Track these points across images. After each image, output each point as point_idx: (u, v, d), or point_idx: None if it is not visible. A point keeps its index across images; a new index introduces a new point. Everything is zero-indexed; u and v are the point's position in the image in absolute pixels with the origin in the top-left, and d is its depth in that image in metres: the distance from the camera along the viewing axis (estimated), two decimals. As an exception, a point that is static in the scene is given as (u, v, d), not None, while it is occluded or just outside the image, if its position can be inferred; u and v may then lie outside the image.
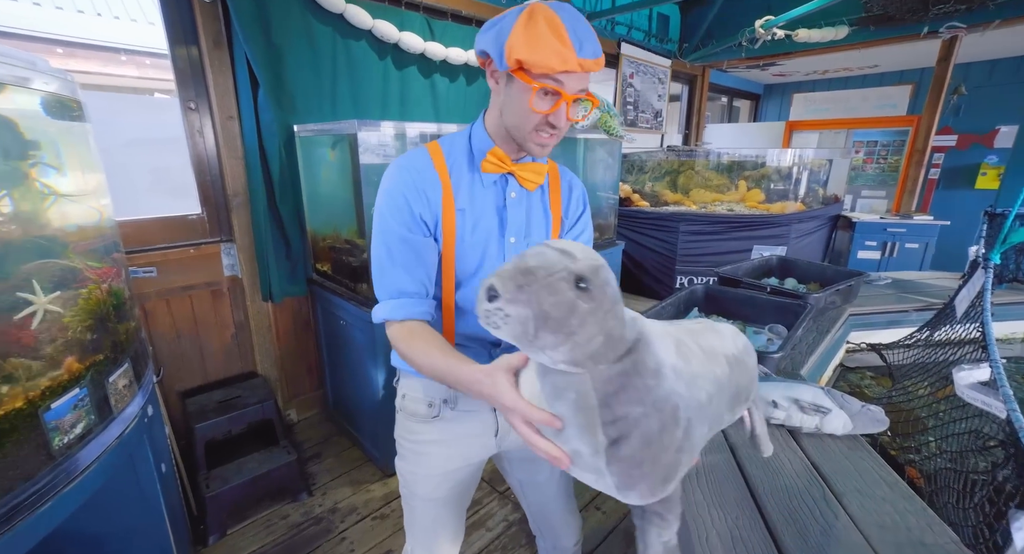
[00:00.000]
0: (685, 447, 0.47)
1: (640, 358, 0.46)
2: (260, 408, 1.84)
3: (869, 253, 3.59)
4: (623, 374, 0.45)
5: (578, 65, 0.68)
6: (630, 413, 0.45)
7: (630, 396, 0.45)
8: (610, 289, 0.44)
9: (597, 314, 0.43)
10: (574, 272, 0.43)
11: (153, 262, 1.74)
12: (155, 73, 3.73)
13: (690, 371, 0.49)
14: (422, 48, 2.19)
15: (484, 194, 0.81)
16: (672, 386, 0.47)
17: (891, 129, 4.12)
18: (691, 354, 0.51)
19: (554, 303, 0.42)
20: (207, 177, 1.84)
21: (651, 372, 0.46)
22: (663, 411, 0.45)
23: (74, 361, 0.82)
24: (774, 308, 1.48)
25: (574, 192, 0.91)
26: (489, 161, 0.79)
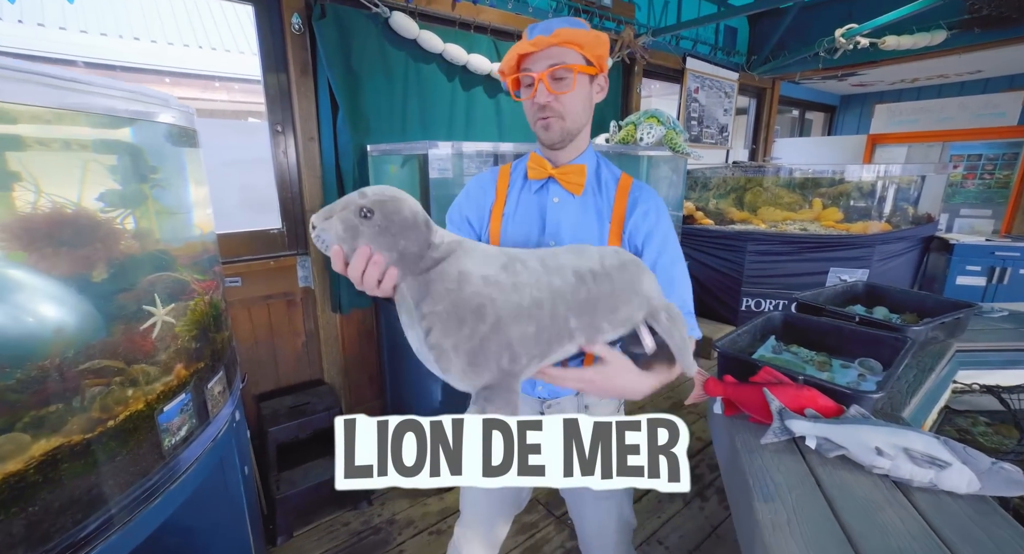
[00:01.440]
0: (494, 339, 0.58)
1: (443, 269, 0.59)
2: (327, 415, 1.92)
3: (971, 279, 3.22)
4: (427, 282, 0.58)
5: (530, 45, 0.77)
6: (433, 310, 0.57)
7: (432, 298, 0.58)
8: (397, 217, 0.58)
9: (384, 235, 0.56)
10: (359, 205, 0.57)
11: (239, 273, 1.88)
12: (244, 97, 4.11)
13: (512, 281, 0.61)
14: (489, 69, 2.25)
15: (529, 200, 0.90)
16: (479, 290, 0.59)
17: (999, 141, 3.70)
18: (524, 270, 0.63)
19: (344, 228, 0.56)
20: (288, 194, 1.97)
21: (452, 279, 0.58)
22: (463, 308, 0.57)
23: (182, 368, 0.89)
24: (865, 340, 1.34)
25: (638, 208, 0.88)
26: (531, 167, 0.88)
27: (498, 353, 0.59)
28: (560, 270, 0.66)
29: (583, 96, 0.82)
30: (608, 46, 0.83)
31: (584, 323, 0.65)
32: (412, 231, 0.58)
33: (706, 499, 1.93)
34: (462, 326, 0.57)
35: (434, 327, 0.57)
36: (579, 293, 0.65)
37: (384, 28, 1.96)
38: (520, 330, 0.60)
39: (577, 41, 0.77)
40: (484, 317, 0.58)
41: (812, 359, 1.35)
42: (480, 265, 0.62)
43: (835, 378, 1.24)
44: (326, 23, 1.77)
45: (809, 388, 1.00)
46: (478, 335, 0.58)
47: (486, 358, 0.59)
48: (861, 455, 0.85)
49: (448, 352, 0.57)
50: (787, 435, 0.94)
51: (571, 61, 0.78)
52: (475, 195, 0.95)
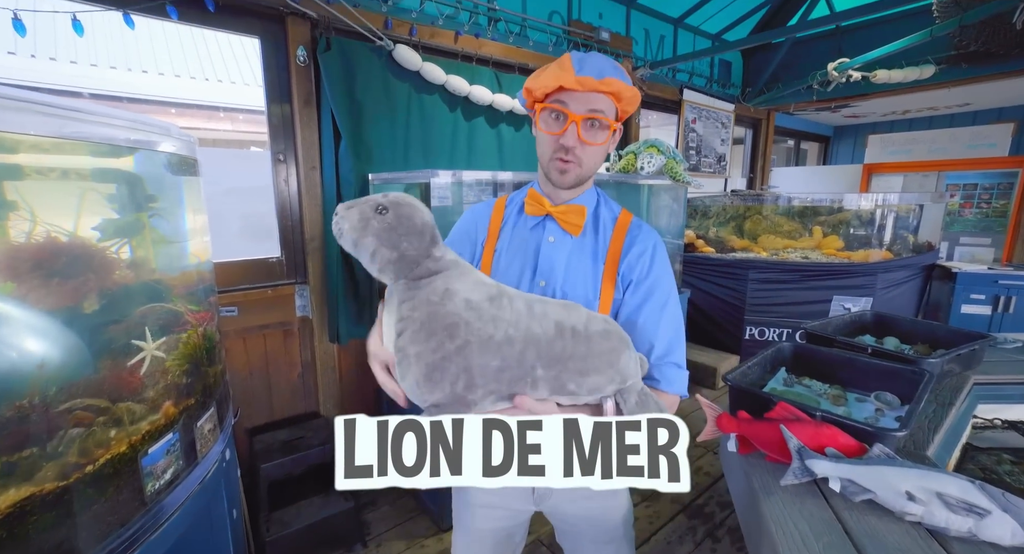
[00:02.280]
0: (456, 361, 0.58)
1: (433, 282, 0.62)
2: (322, 451, 1.84)
3: (977, 308, 3.19)
4: (415, 288, 0.61)
5: (576, 82, 0.72)
6: (411, 315, 0.60)
7: (412, 304, 0.60)
8: (407, 221, 0.62)
9: (391, 233, 0.60)
10: (378, 202, 0.62)
11: (235, 302, 1.84)
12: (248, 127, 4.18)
13: (492, 313, 0.62)
14: (490, 100, 2.29)
15: (524, 237, 0.86)
16: (458, 311, 0.60)
17: (993, 171, 3.75)
18: (508, 307, 0.64)
19: (358, 218, 0.60)
20: (288, 222, 1.96)
21: (438, 293, 0.61)
22: (437, 322, 0.59)
23: (171, 405, 0.85)
24: (880, 373, 1.30)
25: (634, 249, 0.83)
26: (528, 203, 0.85)
27: (455, 374, 0.59)
28: (543, 318, 0.65)
29: (605, 148, 0.80)
30: (639, 103, 0.81)
31: (550, 376, 0.63)
32: (417, 237, 0.62)
33: (717, 540, 1.83)
34: (430, 338, 0.59)
35: (406, 331, 0.60)
36: (554, 346, 0.64)
37: (388, 60, 2.00)
38: (484, 360, 0.60)
39: (621, 95, 0.75)
40: (454, 337, 0.59)
41: (826, 392, 1.30)
42: (469, 289, 0.63)
43: (852, 413, 1.19)
44: (331, 56, 1.81)
45: (829, 425, 0.95)
46: (442, 351, 0.58)
47: (442, 376, 0.59)
48: (890, 500, 0.80)
49: (410, 358, 0.59)
50: (808, 476, 0.89)
51: (609, 114, 0.76)
52: (468, 228, 0.92)
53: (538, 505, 0.91)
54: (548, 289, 0.82)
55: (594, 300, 0.83)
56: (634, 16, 3.27)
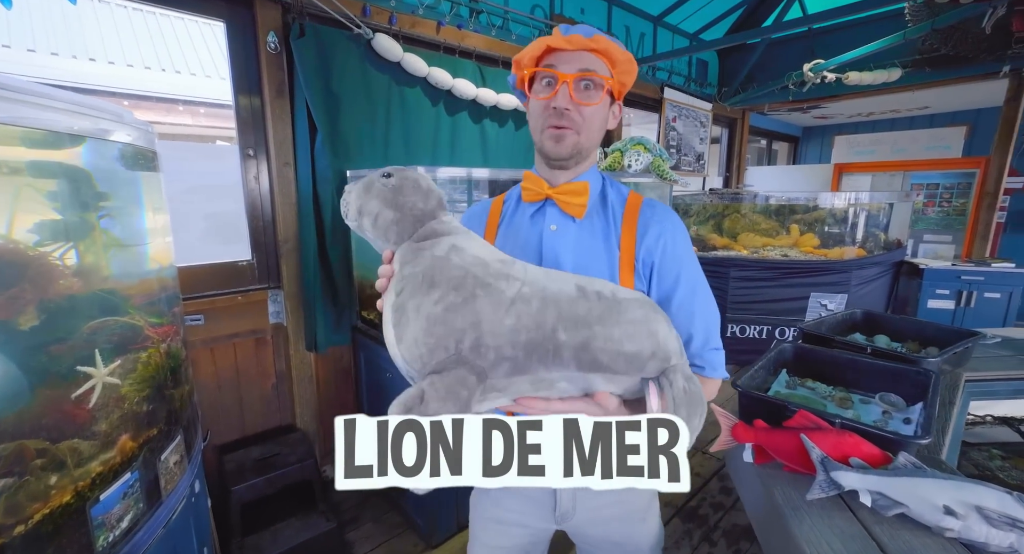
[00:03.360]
0: (463, 313, 0.52)
1: (439, 242, 0.58)
2: (299, 468, 1.71)
3: (941, 302, 3.32)
4: (418, 249, 0.57)
5: (564, 41, 0.68)
6: (412, 272, 0.55)
7: (415, 262, 0.56)
8: (411, 182, 0.60)
9: (395, 193, 0.59)
10: (384, 170, 0.61)
11: (201, 309, 1.69)
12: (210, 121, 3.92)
13: (504, 271, 0.57)
14: (474, 94, 2.19)
15: (523, 226, 0.78)
16: (465, 264, 0.55)
17: (953, 171, 3.92)
18: (521, 268, 0.59)
19: (363, 186, 0.60)
20: (260, 222, 1.81)
21: (442, 248, 0.57)
22: (441, 274, 0.54)
23: (128, 439, 0.72)
24: (884, 374, 1.29)
25: (651, 230, 0.74)
26: (525, 188, 0.78)
27: (461, 330, 0.52)
28: (561, 279, 0.59)
29: (602, 115, 0.73)
30: (635, 76, 0.74)
31: (576, 341, 0.54)
32: (422, 197, 0.60)
33: (714, 543, 1.81)
34: (432, 290, 0.53)
35: (405, 288, 0.55)
36: (577, 306, 0.56)
37: (366, 50, 1.87)
38: (496, 317, 0.53)
39: (613, 56, 0.70)
40: (460, 288, 0.53)
41: (831, 395, 1.28)
42: (479, 248, 0.59)
43: (861, 416, 1.17)
44: (305, 43, 1.67)
45: (851, 434, 0.91)
46: (445, 303, 0.52)
47: (446, 330, 0.52)
48: (925, 514, 0.76)
49: (408, 313, 0.53)
50: (836, 489, 0.84)
51: (601, 73, 0.70)
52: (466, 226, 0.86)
53: (560, 524, 0.85)
54: None
55: None
56: (615, 13, 3.24)
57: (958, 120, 4.95)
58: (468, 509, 0.96)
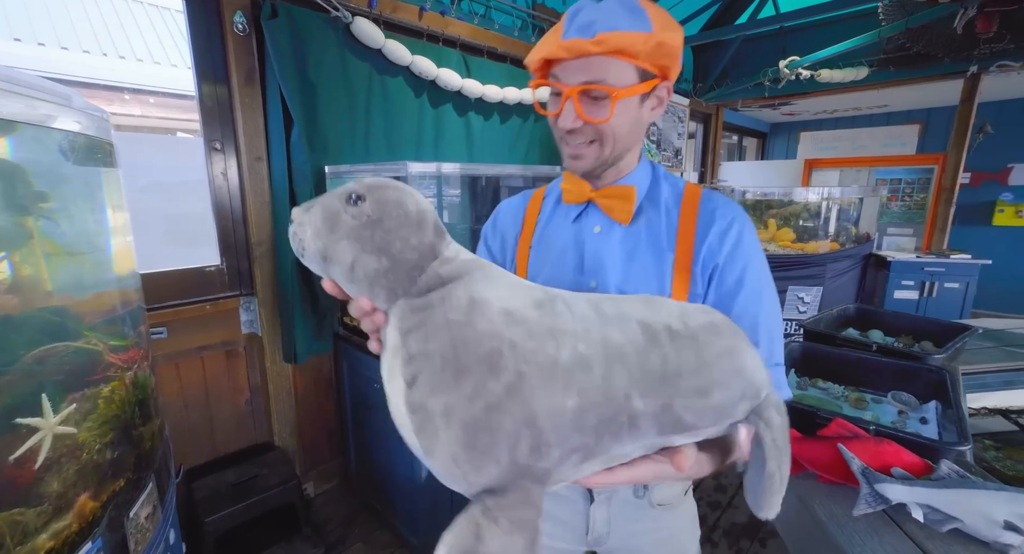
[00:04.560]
0: (510, 409, 0.37)
1: (450, 292, 0.41)
2: (281, 491, 1.57)
3: (906, 293, 3.46)
4: (424, 307, 0.40)
5: (562, 49, 0.57)
6: (424, 349, 0.39)
7: (427, 330, 0.39)
8: (394, 209, 0.42)
9: (374, 229, 0.41)
10: (349, 190, 0.42)
11: (164, 321, 1.51)
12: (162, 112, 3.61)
13: (548, 324, 0.41)
14: (459, 85, 2.07)
15: (564, 228, 0.71)
16: (496, 329, 0.39)
17: (914, 167, 4.10)
18: (567, 313, 0.43)
19: (323, 218, 0.41)
20: (229, 223, 1.64)
21: (460, 308, 0.40)
22: (468, 352, 0.38)
23: (88, 498, 0.59)
24: (891, 372, 1.28)
25: (714, 226, 0.64)
26: (566, 189, 0.71)
27: (514, 433, 0.37)
28: (622, 319, 0.44)
29: (629, 119, 0.62)
30: (680, 40, 0.59)
31: (655, 407, 0.42)
32: (414, 230, 0.42)
33: (715, 544, 1.79)
34: (462, 379, 0.37)
35: (421, 375, 0.38)
36: (649, 358, 0.42)
37: (345, 35, 1.72)
38: (553, 402, 0.39)
39: (629, 50, 0.56)
40: (499, 371, 0.38)
41: (845, 396, 1.26)
42: (504, 295, 0.42)
43: (880, 418, 1.15)
44: (277, 25, 1.51)
45: (890, 442, 0.88)
46: (485, 398, 0.37)
47: (493, 439, 0.37)
48: (982, 529, 0.73)
49: (435, 418, 0.37)
50: (883, 503, 0.80)
51: (613, 81, 0.58)
52: (501, 225, 0.80)
53: (593, 546, 0.77)
54: (600, 291, 0.67)
55: None
56: (596, 4, 3.17)
57: (913, 118, 5.19)
58: None
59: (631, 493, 0.73)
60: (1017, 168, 4.53)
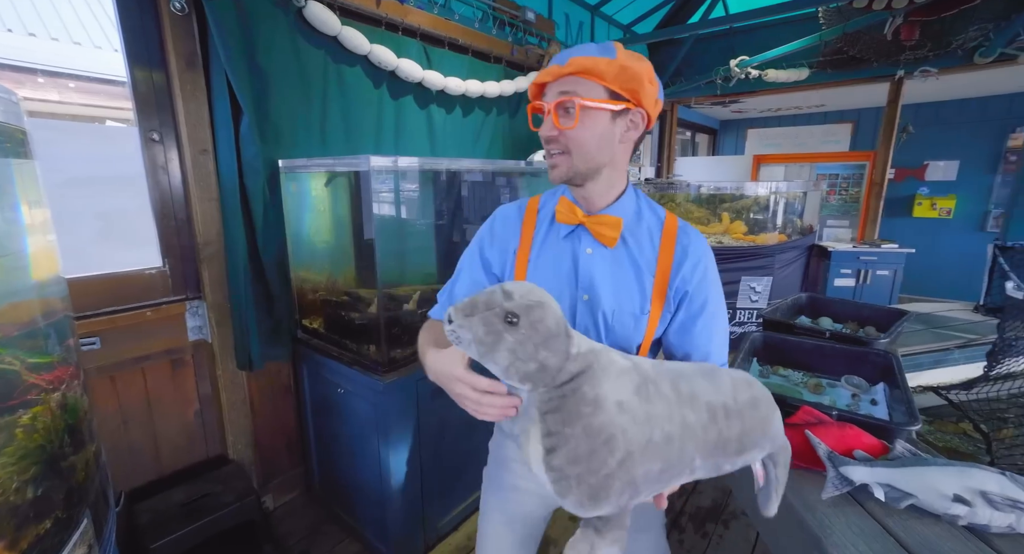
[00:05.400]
0: (620, 476, 0.53)
1: (580, 388, 0.54)
2: (238, 508, 1.47)
3: (845, 281, 3.72)
4: (560, 397, 0.54)
5: (546, 74, 0.72)
6: (561, 431, 0.53)
7: (563, 417, 0.53)
8: (542, 326, 0.53)
9: (526, 345, 0.52)
10: (506, 309, 0.52)
11: (96, 331, 1.37)
12: (84, 98, 3.26)
13: (645, 410, 0.55)
14: (420, 76, 2.00)
15: (559, 246, 0.81)
16: (612, 419, 0.53)
17: (850, 163, 4.40)
18: (656, 396, 0.57)
19: (486, 332, 0.52)
20: (172, 222, 1.50)
21: (588, 401, 0.53)
22: (594, 437, 0.52)
23: (4, 549, 0.50)
24: (844, 357, 1.36)
25: (688, 260, 0.78)
26: (560, 211, 0.80)
27: (620, 490, 0.54)
28: (693, 402, 0.59)
29: (596, 133, 0.73)
30: (650, 77, 0.72)
31: (709, 464, 0.60)
32: (555, 342, 0.54)
33: (682, 529, 1.85)
34: (591, 457, 0.52)
35: (559, 449, 0.53)
36: (710, 433, 0.59)
37: (298, 20, 1.61)
38: (646, 468, 0.55)
39: (594, 71, 0.69)
40: (614, 451, 0.53)
41: (804, 382, 1.33)
42: (614, 387, 0.56)
43: (837, 402, 1.22)
44: (222, 5, 1.39)
45: (851, 426, 0.93)
46: (604, 470, 0.53)
47: (607, 494, 0.54)
48: (935, 503, 0.78)
49: (570, 480, 0.53)
50: (848, 485, 0.85)
51: (583, 93, 0.70)
52: (500, 234, 0.87)
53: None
54: (592, 303, 0.78)
55: (642, 316, 0.79)
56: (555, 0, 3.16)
57: (846, 118, 5.57)
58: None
59: None
60: (932, 165, 4.98)
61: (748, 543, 1.76)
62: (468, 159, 2.31)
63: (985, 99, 4.72)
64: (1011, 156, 4.66)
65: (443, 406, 1.62)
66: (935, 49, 2.85)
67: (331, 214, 1.75)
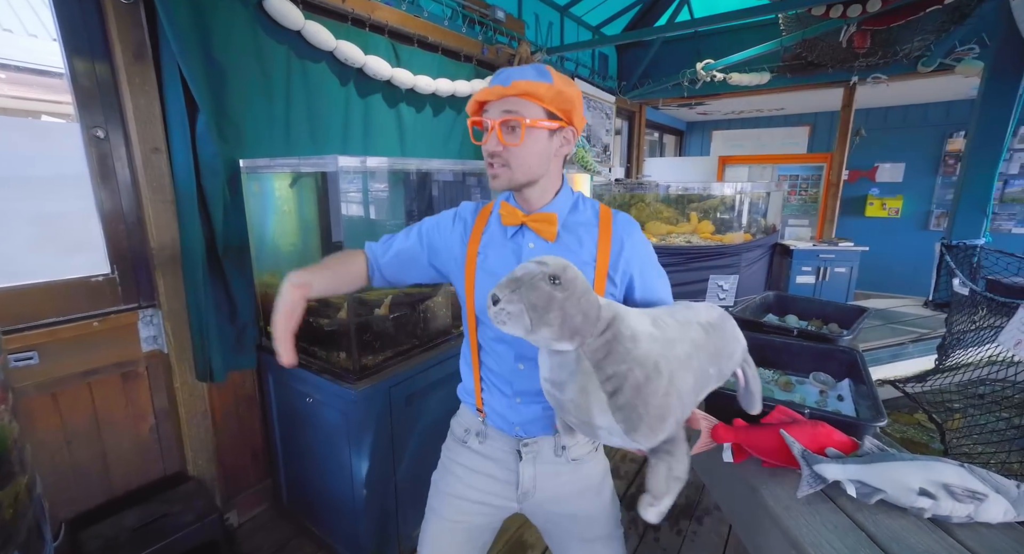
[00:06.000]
0: (672, 392, 0.62)
1: (617, 329, 0.61)
2: (199, 527, 1.39)
3: (806, 278, 3.87)
4: (607, 343, 0.60)
5: (489, 93, 0.79)
6: (618, 370, 0.59)
7: (615, 358, 0.60)
8: (579, 281, 0.61)
9: (572, 300, 0.59)
10: (548, 273, 0.59)
11: (32, 344, 1.26)
12: (12, 90, 3.02)
13: (666, 336, 0.65)
14: (389, 74, 1.95)
15: (505, 245, 0.89)
16: (650, 347, 0.62)
17: (808, 164, 4.58)
18: (666, 325, 0.68)
19: (537, 296, 0.58)
20: (121, 226, 1.40)
21: (628, 338, 0.61)
22: (645, 365, 0.60)
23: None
24: (811, 354, 1.40)
25: (626, 246, 0.86)
26: (503, 214, 0.88)
27: (676, 406, 0.63)
28: (690, 325, 0.70)
29: (536, 150, 0.81)
30: (580, 99, 0.82)
31: (716, 371, 0.72)
32: (589, 294, 0.61)
33: (657, 527, 1.88)
34: (648, 384, 0.59)
35: (623, 386, 0.59)
36: (709, 345, 0.70)
37: (258, 12, 1.53)
38: (685, 382, 0.64)
39: (535, 94, 0.77)
40: (662, 372, 0.61)
41: (775, 380, 1.36)
42: (638, 323, 0.64)
43: (806, 399, 1.25)
44: (172, -6, 1.30)
45: (823, 423, 0.95)
46: (661, 391, 0.60)
47: (669, 412, 0.62)
48: (902, 497, 0.81)
49: (638, 409, 0.59)
50: (821, 483, 0.87)
51: (526, 113, 0.78)
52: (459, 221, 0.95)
53: (521, 503, 0.94)
54: None
55: None
56: (525, 0, 3.15)
57: (804, 121, 5.82)
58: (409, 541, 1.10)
59: (552, 453, 0.92)
60: (881, 167, 5.27)
61: (721, 538, 1.80)
62: (439, 159, 2.26)
63: (926, 105, 5.02)
64: (949, 159, 4.98)
65: (417, 414, 1.58)
66: (885, 57, 3.00)
67: (297, 216, 1.68)
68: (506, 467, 0.93)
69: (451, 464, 0.99)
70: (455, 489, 0.96)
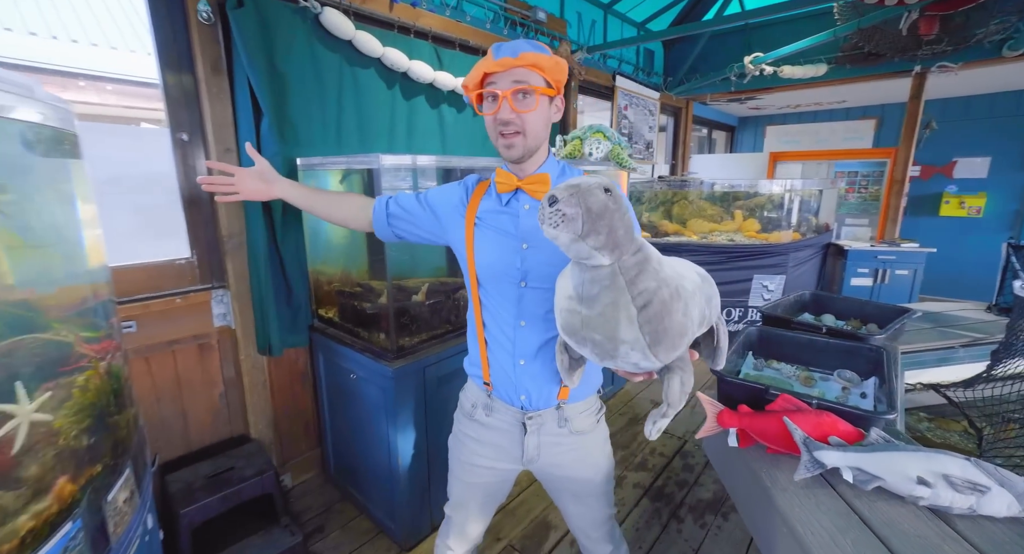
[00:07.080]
0: (689, 314, 0.68)
1: (647, 252, 0.67)
2: (259, 482, 1.58)
3: (862, 280, 3.66)
4: (640, 262, 0.65)
5: (496, 65, 0.81)
6: (649, 287, 0.65)
7: (647, 276, 0.65)
8: (624, 199, 0.66)
9: (619, 211, 0.63)
10: (603, 184, 0.63)
11: (133, 316, 1.49)
12: (120, 100, 3.46)
13: (678, 269, 0.72)
14: (432, 77, 2.08)
15: (501, 210, 0.94)
16: (670, 273, 0.68)
17: (870, 160, 4.31)
18: (672, 262, 0.74)
19: (594, 201, 0.61)
20: (199, 216, 1.62)
21: (655, 261, 0.67)
22: (669, 286, 0.66)
23: (67, 482, 0.60)
24: (837, 351, 1.39)
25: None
26: (498, 182, 0.94)
27: (690, 327, 0.69)
28: (687, 268, 0.76)
29: (543, 115, 0.88)
30: (567, 72, 0.89)
31: (710, 311, 0.77)
32: (630, 214, 0.67)
33: (681, 520, 1.90)
34: (671, 303, 0.65)
35: (652, 301, 0.64)
36: (704, 290, 0.76)
37: (314, 25, 1.71)
38: (698, 310, 0.71)
39: (540, 65, 0.83)
40: (681, 295, 0.67)
41: (796, 375, 1.36)
42: (655, 253, 0.70)
43: (825, 394, 1.25)
44: (244, 14, 1.49)
45: (828, 413, 0.97)
46: (680, 311, 0.66)
47: (686, 330, 0.68)
48: (900, 485, 0.82)
49: (664, 322, 0.65)
50: (819, 468, 0.89)
51: (534, 82, 0.84)
52: (459, 193, 1.01)
53: (527, 465, 1.03)
54: (532, 251, 0.91)
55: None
56: None
57: (869, 114, 5.44)
58: (440, 512, 1.22)
59: (555, 425, 0.99)
60: (960, 162, 4.83)
61: (746, 535, 1.79)
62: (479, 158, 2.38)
63: (1018, 93, 4.55)
64: (1045, 153, 4.49)
65: (449, 392, 1.70)
66: (953, 43, 2.78)
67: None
68: (511, 438, 1.01)
69: (462, 435, 1.08)
70: (467, 457, 1.07)
